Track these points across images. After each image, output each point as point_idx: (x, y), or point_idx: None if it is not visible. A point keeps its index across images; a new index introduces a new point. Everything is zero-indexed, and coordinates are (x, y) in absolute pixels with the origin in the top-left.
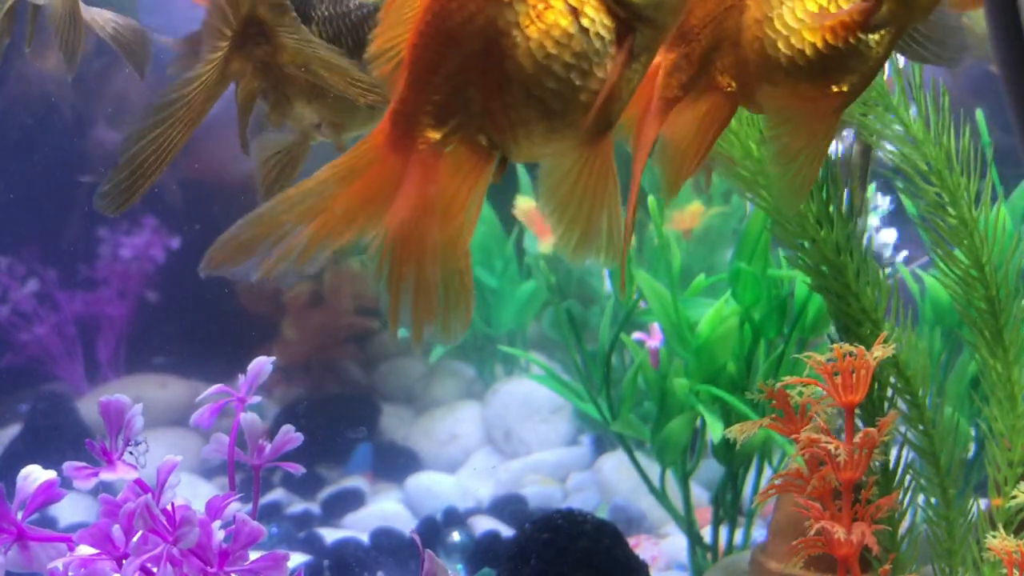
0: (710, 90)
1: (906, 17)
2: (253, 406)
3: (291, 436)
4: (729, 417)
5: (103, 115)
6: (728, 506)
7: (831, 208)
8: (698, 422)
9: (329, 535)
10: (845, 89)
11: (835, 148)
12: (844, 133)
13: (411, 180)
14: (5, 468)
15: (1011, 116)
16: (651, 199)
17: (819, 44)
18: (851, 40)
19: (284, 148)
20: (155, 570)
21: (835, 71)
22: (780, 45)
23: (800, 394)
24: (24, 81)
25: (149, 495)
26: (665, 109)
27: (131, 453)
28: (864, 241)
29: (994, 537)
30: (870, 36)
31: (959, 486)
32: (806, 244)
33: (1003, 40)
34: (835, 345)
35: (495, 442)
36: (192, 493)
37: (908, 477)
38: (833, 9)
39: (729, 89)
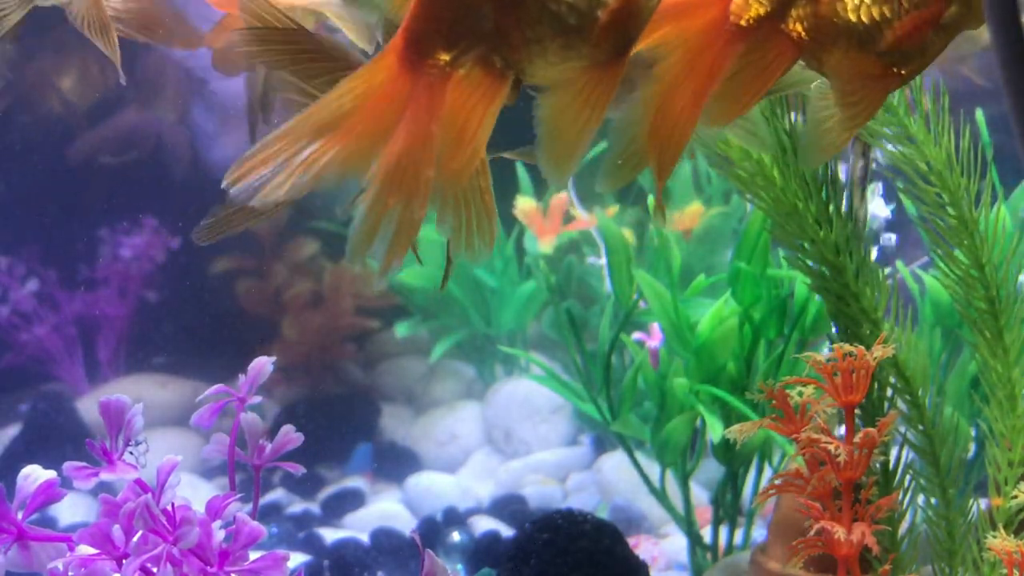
0: (778, 34)
1: (965, 21)
2: (253, 406)
3: (291, 436)
4: (729, 417)
5: (124, 97)
6: (728, 506)
7: (831, 208)
8: (698, 422)
9: (329, 535)
10: (904, 73)
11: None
12: None
13: (414, 106)
14: (5, 468)
15: (1011, 116)
16: (650, 199)
17: (895, 24)
18: (922, 29)
19: None
20: (155, 570)
21: (901, 54)
22: (862, 13)
23: (800, 394)
24: (24, 79)
25: (149, 495)
26: (740, 37)
27: (131, 453)
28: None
29: (994, 537)
30: (936, 31)
31: (959, 486)
32: (805, 244)
33: (1003, 40)
34: (835, 345)
35: (495, 442)
36: (192, 493)
37: (908, 477)
38: None
39: (799, 39)
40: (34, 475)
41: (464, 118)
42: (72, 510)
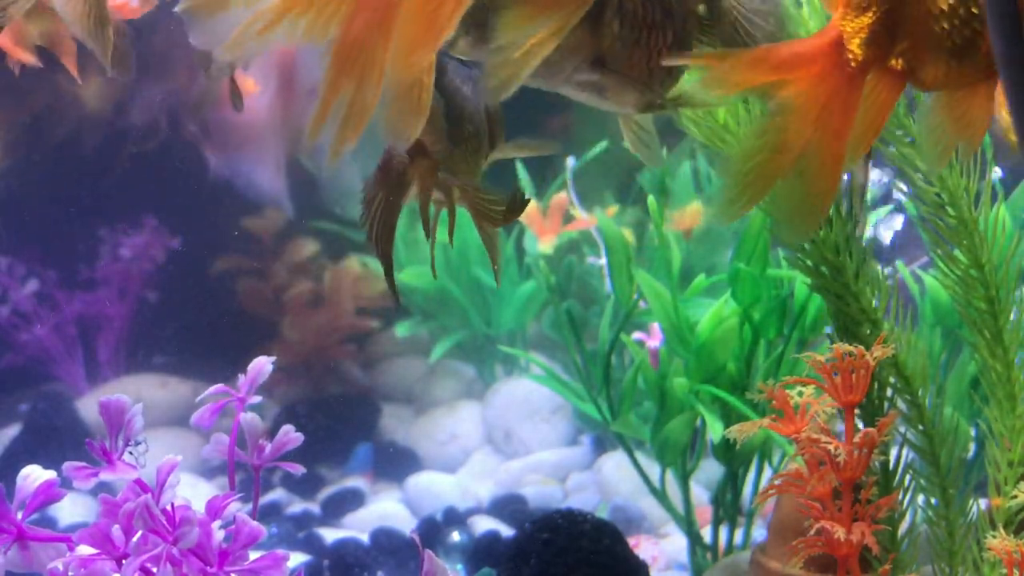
0: (886, 72)
1: None
2: (253, 406)
3: (291, 436)
4: (729, 417)
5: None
6: (728, 506)
7: (831, 208)
8: (698, 422)
9: (329, 535)
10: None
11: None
12: None
13: None
14: (5, 468)
15: (1011, 115)
16: (650, 199)
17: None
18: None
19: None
20: (155, 570)
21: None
22: (956, 37)
23: (800, 394)
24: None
25: (149, 495)
26: (858, 79)
27: (131, 453)
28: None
29: (994, 537)
30: None
31: (959, 486)
32: (806, 244)
33: (1003, 40)
34: (835, 345)
35: (495, 442)
36: (192, 493)
37: (908, 477)
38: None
39: (903, 70)
40: (34, 475)
41: (433, 8)
42: (72, 510)
